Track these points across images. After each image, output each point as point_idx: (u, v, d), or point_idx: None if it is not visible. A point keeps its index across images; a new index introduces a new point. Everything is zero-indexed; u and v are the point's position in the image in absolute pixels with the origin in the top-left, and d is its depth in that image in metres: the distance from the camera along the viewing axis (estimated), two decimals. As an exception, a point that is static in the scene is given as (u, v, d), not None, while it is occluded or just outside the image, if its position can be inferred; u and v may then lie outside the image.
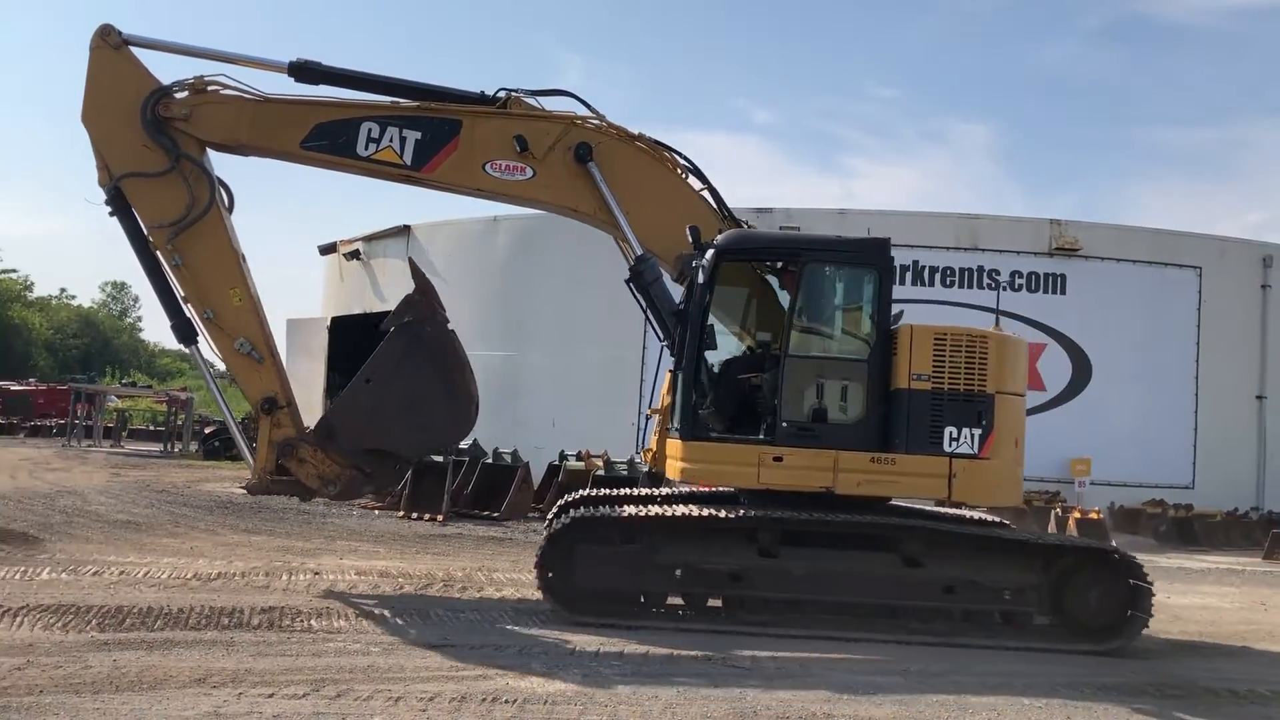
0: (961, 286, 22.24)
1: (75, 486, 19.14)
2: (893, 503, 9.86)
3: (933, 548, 9.27)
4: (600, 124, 10.57)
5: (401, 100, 10.60)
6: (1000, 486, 9.62)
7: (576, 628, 8.79)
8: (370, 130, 10.39)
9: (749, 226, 11.02)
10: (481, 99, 10.56)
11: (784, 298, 10.33)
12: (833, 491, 9.30)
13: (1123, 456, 21.61)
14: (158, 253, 10.40)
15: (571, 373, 23.26)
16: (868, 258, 9.81)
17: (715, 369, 10.06)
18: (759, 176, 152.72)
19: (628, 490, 12.16)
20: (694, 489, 10.73)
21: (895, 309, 9.96)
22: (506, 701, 6.54)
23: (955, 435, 9.33)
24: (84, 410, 36.26)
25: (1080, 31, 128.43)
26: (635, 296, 10.55)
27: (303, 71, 10.52)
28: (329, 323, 30.77)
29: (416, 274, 10.34)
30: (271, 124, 10.50)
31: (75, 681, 6.52)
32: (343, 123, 10.41)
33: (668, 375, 10.45)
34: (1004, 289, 22.24)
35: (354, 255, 30.51)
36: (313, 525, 15.76)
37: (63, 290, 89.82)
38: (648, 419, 11.18)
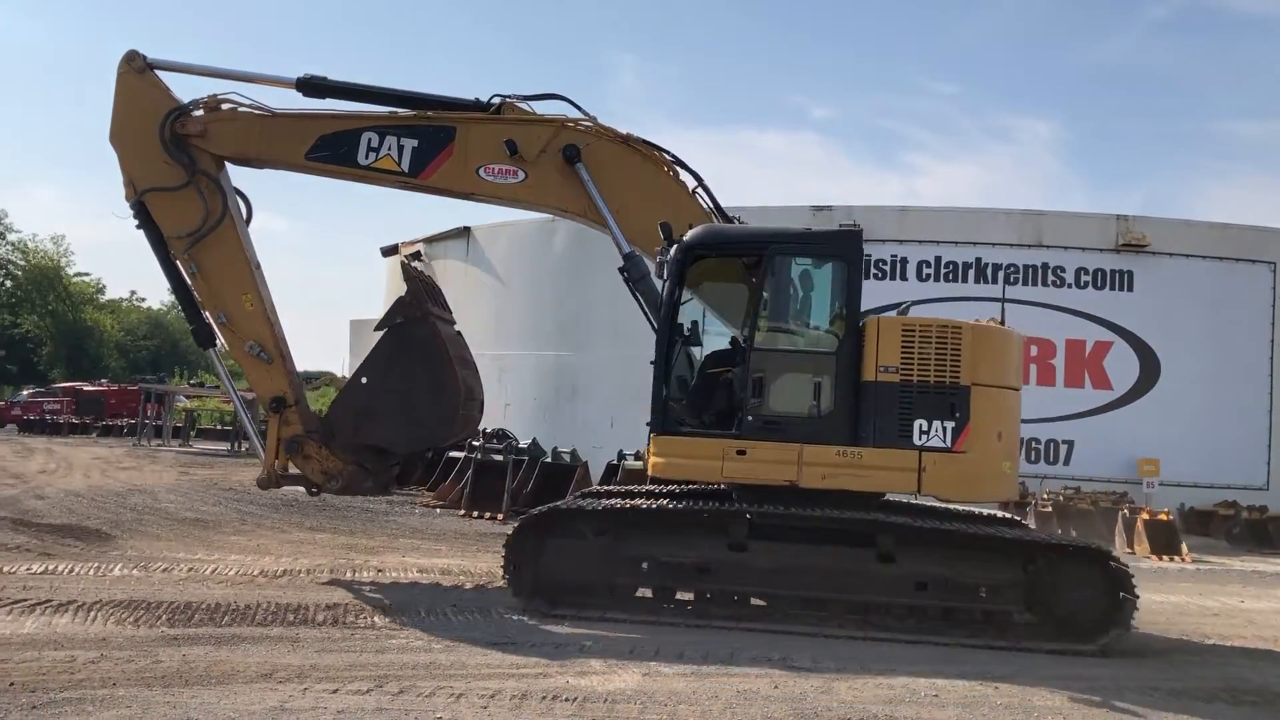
0: (1026, 284, 21.88)
1: (145, 485, 19.56)
2: (913, 500, 9.79)
3: (906, 544, 9.14)
4: (590, 126, 10.76)
5: (400, 110, 11.03)
6: (980, 481, 9.33)
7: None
8: (370, 140, 10.86)
9: (739, 222, 11.01)
10: (476, 105, 10.91)
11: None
12: (797, 485, 9.22)
13: (1193, 457, 21.11)
14: (177, 261, 11.04)
15: (630, 372, 23.23)
16: (837, 250, 9.72)
17: (694, 364, 10.08)
18: (818, 174, 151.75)
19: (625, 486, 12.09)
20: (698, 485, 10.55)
21: (903, 302, 9.87)
22: (567, 699, 6.56)
23: (925, 428, 9.16)
24: (154, 410, 37.04)
25: (1146, 22, 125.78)
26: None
27: (309, 86, 11.05)
28: (391, 323, 31.10)
29: (408, 276, 10.71)
30: (279, 137, 11.05)
31: (146, 675, 6.67)
32: (344, 134, 10.91)
33: None
34: (1068, 286, 21.85)
35: (415, 257, 30.83)
36: (375, 524, 15.97)
37: (133, 293, 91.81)
38: None
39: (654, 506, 9.51)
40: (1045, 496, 18.69)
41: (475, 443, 19.39)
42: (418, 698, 6.47)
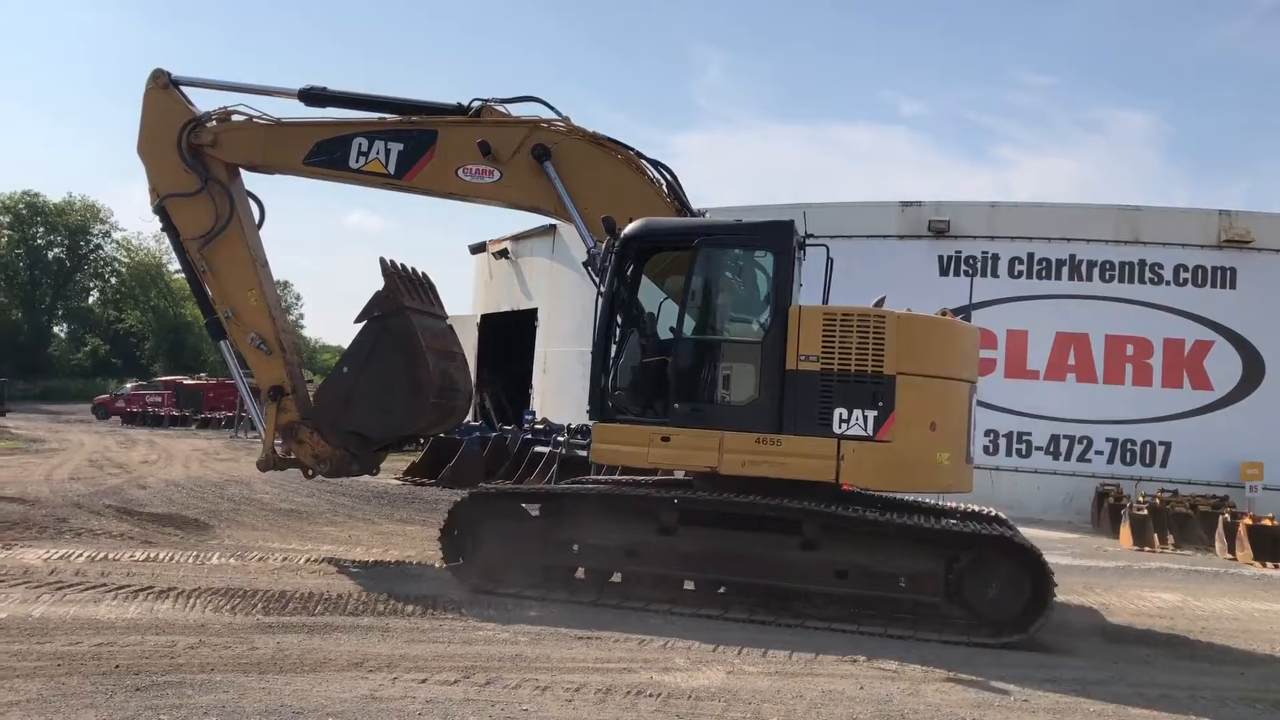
0: (1121, 281, 21.30)
1: (242, 476, 20.09)
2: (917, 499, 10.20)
3: (830, 532, 9.17)
4: (562, 126, 11.11)
5: (389, 116, 11.63)
6: (906, 471, 9.28)
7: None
8: (360, 144, 11.51)
9: (703, 215, 11.12)
10: (458, 109, 11.38)
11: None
12: (717, 472, 9.35)
13: (1299, 460, 20.36)
14: (192, 261, 11.91)
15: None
16: (766, 241, 9.81)
17: (635, 353, 10.07)
18: (908, 169, 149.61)
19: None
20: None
21: (878, 294, 9.93)
22: (651, 695, 6.59)
23: (846, 416, 9.16)
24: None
25: (1254, 11, 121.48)
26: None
27: (310, 97, 11.77)
28: (478, 320, 31.52)
29: (386, 273, 11.21)
30: (281, 144, 11.81)
31: (243, 661, 6.86)
32: (338, 139, 11.57)
33: None
34: (1166, 284, 21.21)
35: (502, 254, 31.20)
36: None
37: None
38: None
39: (580, 490, 10.03)
40: (1141, 499, 18.19)
41: (560, 438, 19.56)
42: (504, 689, 6.55)
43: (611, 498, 9.96)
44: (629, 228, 10.04)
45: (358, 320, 11.27)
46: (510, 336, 31.29)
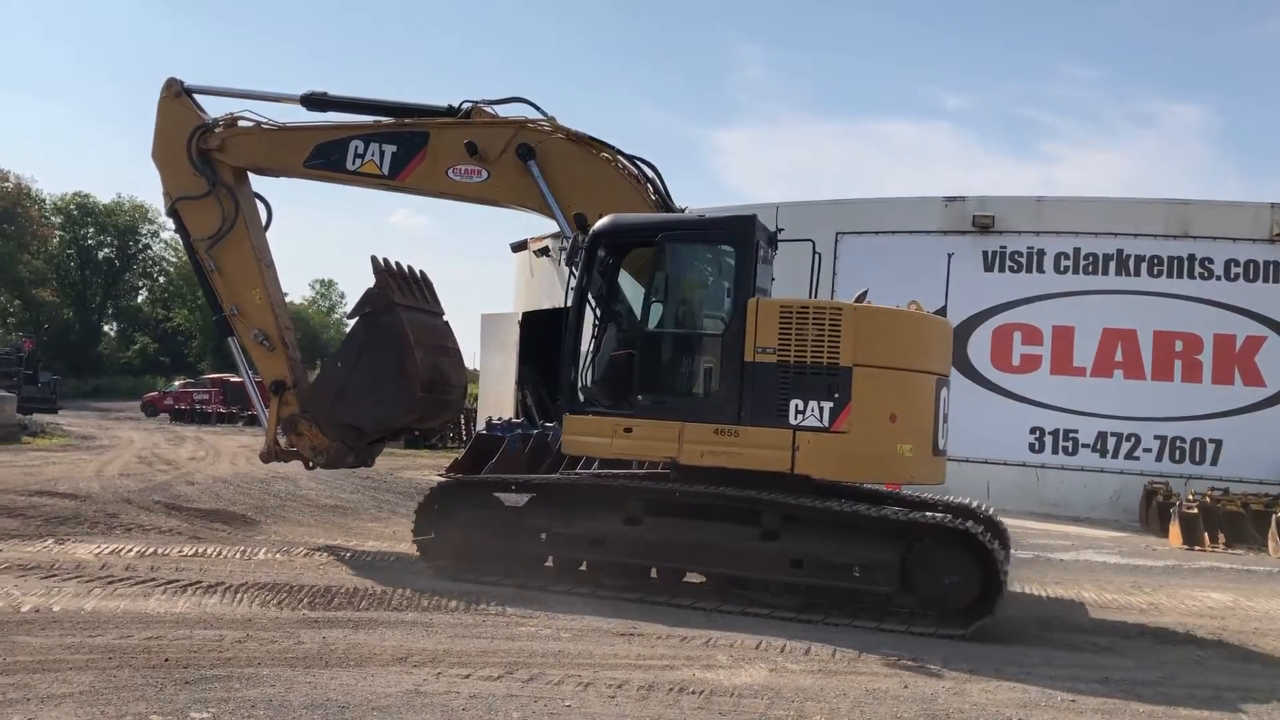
0: (1171, 276, 20.96)
1: (287, 473, 20.22)
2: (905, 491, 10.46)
3: (789, 522, 9.28)
4: (547, 126, 11.34)
5: (384, 119, 12.00)
6: (864, 461, 9.37)
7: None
8: (356, 147, 11.86)
9: (685, 211, 11.40)
10: (449, 111, 11.68)
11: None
12: (677, 462, 9.61)
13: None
14: (205, 261, 12.43)
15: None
16: (727, 236, 9.94)
17: (605, 346, 10.33)
18: (951, 164, 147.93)
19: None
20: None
21: (861, 287, 10.09)
22: (693, 692, 6.58)
23: (801, 407, 9.24)
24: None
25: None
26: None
27: (311, 101, 12.18)
28: (519, 317, 31.64)
29: (376, 270, 11.55)
30: (282, 148, 12.24)
31: (289, 656, 6.94)
32: (335, 142, 11.94)
33: None
34: (1217, 279, 20.84)
35: (543, 252, 31.25)
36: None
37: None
38: None
39: (547, 481, 10.35)
40: (1191, 498, 17.90)
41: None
42: (547, 685, 6.57)
43: (576, 488, 10.20)
44: (598, 224, 10.24)
45: (350, 316, 11.81)
46: (553, 334, 31.34)
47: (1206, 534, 16.73)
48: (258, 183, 12.68)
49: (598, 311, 10.33)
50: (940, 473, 9.99)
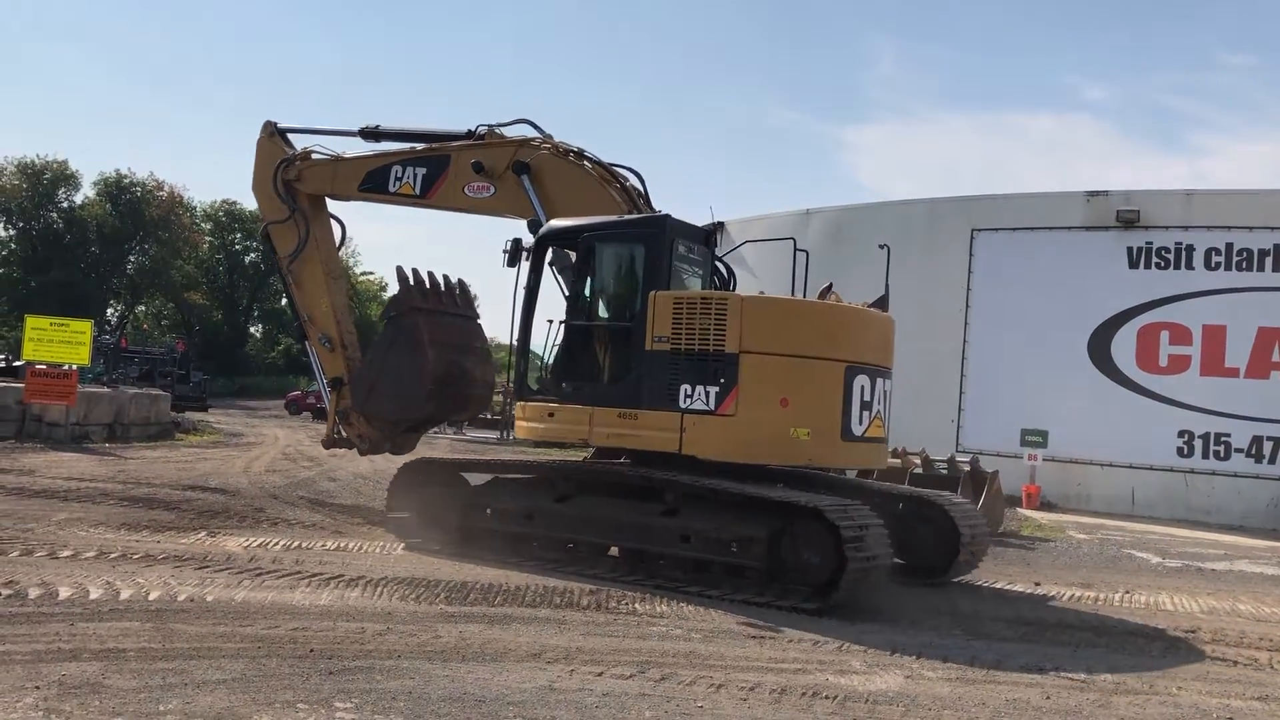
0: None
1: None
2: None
3: (689, 500, 9.96)
4: (544, 145, 12.47)
5: (418, 145, 13.54)
6: (751, 443, 9.94)
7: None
8: (396, 171, 13.47)
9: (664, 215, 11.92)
10: (469, 135, 13.09)
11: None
12: (589, 443, 10.79)
13: None
14: (286, 276, 14.64)
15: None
16: (639, 235, 10.81)
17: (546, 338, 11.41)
18: (1093, 158, 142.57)
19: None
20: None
21: (825, 280, 11.08)
22: (827, 697, 6.49)
23: (690, 392, 9.96)
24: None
25: None
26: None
27: (366, 134, 13.99)
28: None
29: (400, 278, 13.00)
30: (343, 176, 14.05)
31: (427, 649, 7.10)
32: (381, 169, 13.63)
33: None
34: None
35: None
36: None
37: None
38: None
39: (488, 463, 12.10)
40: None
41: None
42: (679, 685, 6.56)
43: (517, 467, 11.73)
44: (542, 229, 11.51)
45: (380, 319, 13.36)
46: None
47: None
48: (339, 207, 14.72)
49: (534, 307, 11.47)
50: (851, 456, 10.65)
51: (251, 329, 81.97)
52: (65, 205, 63.73)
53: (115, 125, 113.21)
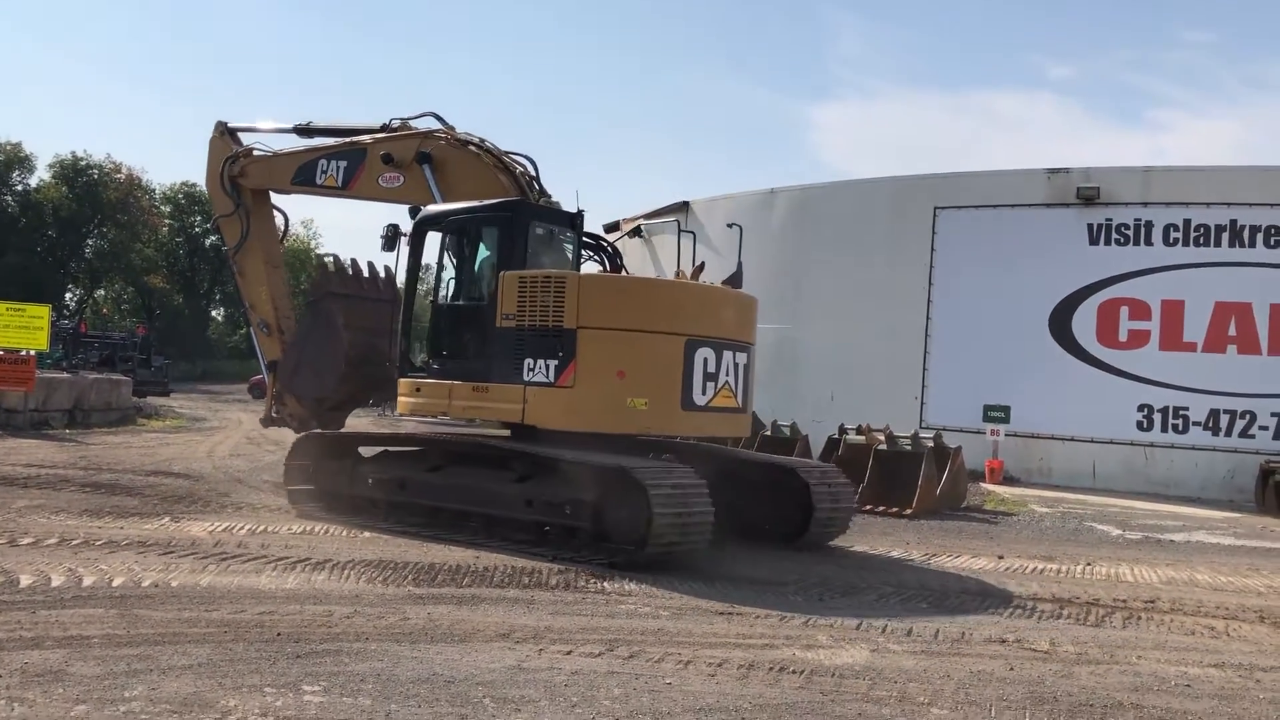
0: (1288, 247, 20.11)
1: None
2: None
3: (538, 468, 10.50)
4: (445, 136, 13.04)
5: (341, 140, 14.24)
6: (589, 413, 10.40)
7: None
8: (322, 165, 14.22)
9: (555, 204, 12.42)
10: (384, 129, 13.72)
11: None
12: (448, 415, 11.42)
13: None
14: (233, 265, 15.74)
15: (850, 345, 22.92)
16: (493, 219, 11.45)
17: (421, 317, 12.35)
18: (1055, 135, 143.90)
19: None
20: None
21: (697, 260, 11.55)
22: (794, 672, 6.55)
23: (532, 366, 10.52)
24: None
25: None
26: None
27: (300, 130, 14.84)
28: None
29: (319, 266, 14.49)
30: (279, 171, 14.95)
31: (395, 631, 7.09)
32: (310, 163, 14.41)
33: None
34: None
35: (636, 233, 31.27)
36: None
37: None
38: None
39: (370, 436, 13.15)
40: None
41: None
42: (647, 663, 6.60)
43: (396, 440, 12.62)
44: (420, 214, 12.05)
45: (306, 302, 14.54)
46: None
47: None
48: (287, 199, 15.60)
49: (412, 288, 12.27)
50: (690, 425, 10.99)
51: (213, 313, 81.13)
52: (20, 189, 62.70)
53: (71, 107, 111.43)
